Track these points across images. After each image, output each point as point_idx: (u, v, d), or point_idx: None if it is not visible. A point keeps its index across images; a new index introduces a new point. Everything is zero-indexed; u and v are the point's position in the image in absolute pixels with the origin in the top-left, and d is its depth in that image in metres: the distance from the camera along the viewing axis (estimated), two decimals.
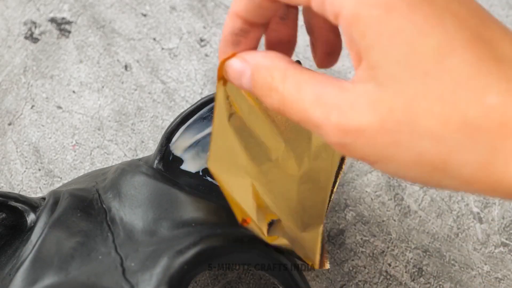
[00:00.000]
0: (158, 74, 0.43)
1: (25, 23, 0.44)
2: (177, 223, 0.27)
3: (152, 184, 0.28)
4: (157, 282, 0.24)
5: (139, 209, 0.28)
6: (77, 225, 0.27)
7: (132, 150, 0.40)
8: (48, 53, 0.43)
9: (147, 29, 0.44)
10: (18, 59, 0.43)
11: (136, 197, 0.28)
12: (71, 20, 0.44)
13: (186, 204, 0.28)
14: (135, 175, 0.29)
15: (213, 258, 0.25)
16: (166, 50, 0.43)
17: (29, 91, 0.42)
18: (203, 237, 0.25)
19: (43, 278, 0.25)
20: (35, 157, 0.39)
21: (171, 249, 0.25)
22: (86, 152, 0.40)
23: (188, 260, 0.24)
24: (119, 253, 0.26)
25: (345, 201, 0.38)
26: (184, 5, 0.45)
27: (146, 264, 0.25)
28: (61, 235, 0.27)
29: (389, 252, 0.37)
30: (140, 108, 0.41)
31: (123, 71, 0.43)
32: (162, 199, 0.28)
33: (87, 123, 0.41)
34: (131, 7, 0.45)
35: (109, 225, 0.28)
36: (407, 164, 0.21)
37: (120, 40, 0.44)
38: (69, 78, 0.42)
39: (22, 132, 0.40)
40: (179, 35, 0.44)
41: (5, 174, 0.39)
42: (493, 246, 0.38)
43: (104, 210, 0.28)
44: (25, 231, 0.28)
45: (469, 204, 0.39)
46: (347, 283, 0.36)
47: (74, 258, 0.26)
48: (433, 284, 0.36)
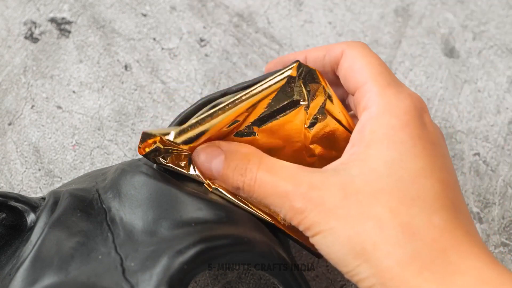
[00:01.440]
0: (158, 74, 0.43)
1: (25, 23, 0.44)
2: (177, 223, 0.27)
3: (152, 184, 0.28)
4: (157, 282, 0.24)
5: (139, 209, 0.28)
6: (77, 225, 0.27)
7: (132, 150, 0.40)
8: (48, 53, 0.43)
9: (147, 29, 0.44)
10: (18, 59, 0.43)
11: (136, 197, 0.28)
12: (71, 20, 0.44)
13: (186, 204, 0.27)
14: (135, 175, 0.29)
15: (213, 258, 0.25)
16: (166, 50, 0.43)
17: (29, 91, 0.42)
18: (203, 237, 0.25)
19: (43, 278, 0.25)
20: (35, 157, 0.39)
21: (171, 249, 0.25)
22: (86, 152, 0.40)
23: (188, 260, 0.24)
24: (119, 253, 0.26)
25: None
26: (184, 5, 0.45)
27: (146, 264, 0.25)
28: (61, 235, 0.27)
29: None
30: (140, 108, 0.41)
31: (123, 71, 0.43)
32: (162, 199, 0.28)
33: (87, 123, 0.41)
34: (131, 7, 0.45)
35: (109, 225, 0.27)
36: (342, 240, 0.24)
37: (120, 40, 0.44)
38: (69, 78, 0.42)
39: (22, 132, 0.40)
40: (179, 35, 0.44)
41: (5, 174, 0.39)
42: (493, 246, 0.38)
43: (104, 210, 0.28)
44: (25, 231, 0.28)
45: (469, 204, 0.39)
46: (347, 283, 0.36)
47: (74, 258, 0.26)
48: None
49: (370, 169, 0.25)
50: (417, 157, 0.25)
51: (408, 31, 0.45)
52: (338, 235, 0.24)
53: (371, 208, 0.24)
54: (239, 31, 0.44)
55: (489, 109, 0.42)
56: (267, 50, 0.44)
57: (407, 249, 0.23)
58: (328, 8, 0.45)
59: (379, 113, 0.26)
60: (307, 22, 0.45)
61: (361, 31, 0.45)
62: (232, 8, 0.45)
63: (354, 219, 0.24)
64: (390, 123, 0.26)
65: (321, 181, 0.26)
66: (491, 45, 0.44)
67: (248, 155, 0.28)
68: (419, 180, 0.25)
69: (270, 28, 0.44)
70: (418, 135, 0.26)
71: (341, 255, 0.24)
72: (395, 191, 0.24)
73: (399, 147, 0.25)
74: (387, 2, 0.46)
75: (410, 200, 0.24)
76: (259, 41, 0.44)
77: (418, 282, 0.23)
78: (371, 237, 0.24)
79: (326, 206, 0.25)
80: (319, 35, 0.44)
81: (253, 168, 0.27)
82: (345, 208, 0.25)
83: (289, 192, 0.26)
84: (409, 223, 0.24)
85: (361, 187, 0.25)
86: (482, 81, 0.43)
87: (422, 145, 0.25)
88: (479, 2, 0.46)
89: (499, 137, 0.41)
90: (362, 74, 0.28)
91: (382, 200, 0.24)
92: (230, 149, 0.28)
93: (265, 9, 0.45)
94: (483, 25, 0.45)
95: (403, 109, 0.26)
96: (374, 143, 0.26)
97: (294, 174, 0.26)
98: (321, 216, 0.25)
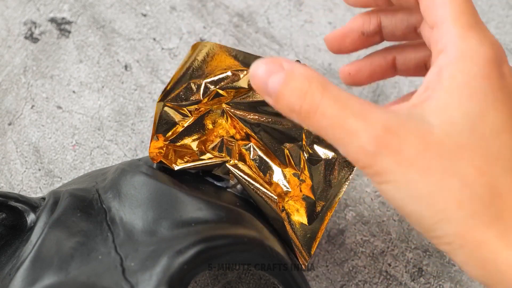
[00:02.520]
0: (158, 74, 0.43)
1: (25, 23, 0.44)
2: (177, 223, 0.27)
3: (152, 184, 0.28)
4: (157, 282, 0.24)
5: (139, 209, 0.28)
6: (77, 225, 0.27)
7: (132, 150, 0.40)
8: (48, 53, 0.43)
9: (147, 29, 0.44)
10: (18, 59, 0.43)
11: (136, 197, 0.28)
12: (71, 20, 0.44)
13: (186, 204, 0.27)
14: (135, 175, 0.29)
15: (213, 258, 0.25)
16: (166, 50, 0.43)
17: (29, 91, 0.42)
18: (203, 237, 0.25)
19: (43, 278, 0.25)
20: (35, 157, 0.39)
21: (171, 249, 0.25)
22: (86, 152, 0.40)
23: (188, 260, 0.24)
24: (119, 253, 0.26)
25: (345, 201, 0.38)
26: (184, 5, 0.45)
27: (146, 264, 0.25)
28: (61, 235, 0.27)
29: (389, 252, 0.37)
30: (140, 108, 0.41)
31: (123, 71, 0.43)
32: (162, 199, 0.28)
33: (87, 123, 0.41)
34: (131, 7, 0.45)
35: (109, 225, 0.28)
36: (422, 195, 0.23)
37: (120, 40, 0.44)
38: (69, 78, 0.42)
39: (22, 132, 0.40)
40: (179, 35, 0.44)
41: (5, 174, 0.39)
42: None
43: (104, 210, 0.28)
44: (25, 231, 0.28)
45: None
46: (347, 283, 0.36)
47: (74, 258, 0.26)
48: (433, 284, 0.36)
49: (451, 120, 0.24)
50: (499, 111, 0.24)
51: None
52: (416, 188, 0.23)
53: (455, 164, 0.23)
54: (239, 31, 0.44)
55: None
56: (267, 50, 0.44)
57: (492, 210, 0.22)
58: (328, 8, 0.45)
59: (459, 58, 0.25)
60: (307, 22, 0.45)
61: None
62: (232, 8, 0.45)
63: (437, 174, 0.23)
64: (472, 70, 0.24)
65: (398, 125, 0.23)
66: None
67: (310, 78, 0.25)
68: (502, 137, 0.23)
69: (270, 28, 0.44)
70: (499, 86, 0.24)
71: (417, 210, 0.23)
72: (479, 148, 0.23)
73: (481, 98, 0.24)
74: None
75: (494, 159, 0.23)
76: (259, 41, 0.44)
77: (501, 244, 0.22)
78: (456, 195, 0.23)
79: (405, 154, 0.23)
80: (319, 35, 0.44)
81: (316, 93, 0.24)
82: (426, 160, 0.23)
83: (359, 131, 0.23)
84: (495, 182, 0.23)
85: (442, 140, 0.23)
86: None
87: (503, 98, 0.24)
88: (479, 2, 0.46)
89: None
90: (444, 9, 0.26)
91: (466, 157, 0.23)
92: (292, 68, 0.25)
93: (265, 9, 0.45)
94: None
95: (485, 57, 0.24)
96: (454, 91, 0.24)
97: (365, 110, 0.24)
98: (397, 164, 0.23)
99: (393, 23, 0.33)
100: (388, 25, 0.33)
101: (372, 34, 0.33)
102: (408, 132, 0.23)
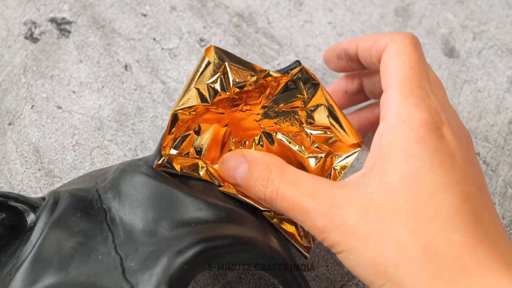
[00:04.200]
0: (158, 74, 0.43)
1: (25, 23, 0.44)
2: (177, 223, 0.27)
3: (152, 184, 0.28)
4: (157, 282, 0.24)
5: (139, 209, 0.28)
6: (77, 225, 0.27)
7: (132, 150, 0.40)
8: (48, 53, 0.43)
9: (147, 29, 0.44)
10: (18, 59, 0.43)
11: (136, 197, 0.28)
12: (71, 20, 0.44)
13: (186, 204, 0.28)
14: (135, 175, 0.29)
15: (213, 258, 0.25)
16: (166, 50, 0.43)
17: (29, 91, 0.42)
18: (203, 237, 0.25)
19: (43, 278, 0.25)
20: (35, 157, 0.39)
21: (171, 249, 0.25)
22: (86, 152, 0.40)
23: (188, 260, 0.24)
24: (119, 253, 0.26)
25: None
26: (184, 5, 0.45)
27: (146, 264, 0.25)
28: (61, 235, 0.27)
29: None
30: (140, 108, 0.41)
31: (123, 71, 0.43)
32: (162, 199, 0.28)
33: (87, 123, 0.41)
34: (131, 7, 0.45)
35: (109, 225, 0.28)
36: (365, 260, 0.24)
37: (120, 40, 0.44)
38: (69, 78, 0.42)
39: (22, 132, 0.40)
40: (179, 35, 0.44)
41: (5, 174, 0.39)
42: None
43: (104, 210, 0.28)
44: (25, 231, 0.28)
45: None
46: (347, 283, 0.36)
47: (74, 258, 0.26)
48: None
49: (388, 185, 0.25)
50: (434, 172, 0.25)
51: (408, 31, 0.45)
52: (360, 255, 0.24)
53: (390, 228, 0.24)
54: (239, 31, 0.44)
55: (489, 109, 0.42)
56: (267, 50, 0.44)
57: (429, 269, 0.23)
58: (328, 8, 0.45)
59: (396, 123, 0.26)
60: (307, 22, 0.45)
61: (361, 31, 0.45)
62: (232, 8, 0.45)
63: (374, 240, 0.24)
64: (407, 135, 0.25)
65: (342, 199, 0.25)
66: (491, 45, 0.44)
67: (270, 165, 0.28)
68: (437, 196, 0.24)
69: (270, 28, 0.44)
70: (435, 148, 0.25)
71: (365, 274, 0.25)
72: (413, 209, 0.24)
73: (416, 161, 0.25)
74: (387, 2, 0.46)
75: (429, 219, 0.24)
76: (259, 41, 0.44)
77: None
78: (392, 258, 0.24)
79: (347, 226, 0.25)
80: (319, 35, 0.44)
81: (275, 179, 0.27)
82: (365, 228, 0.24)
83: (310, 210, 0.26)
84: (429, 242, 0.23)
85: (380, 206, 0.25)
86: (482, 81, 0.43)
87: (439, 159, 0.25)
88: (479, 2, 0.46)
89: (499, 137, 0.41)
90: (391, 76, 0.27)
91: (401, 220, 0.24)
92: (253, 158, 0.28)
93: (265, 9, 0.45)
94: (483, 25, 0.45)
95: (420, 121, 0.26)
96: (391, 156, 0.25)
97: (315, 189, 0.26)
98: (342, 236, 0.25)
99: (372, 83, 0.35)
100: (368, 85, 0.36)
101: (355, 93, 0.36)
102: (351, 203, 0.25)
